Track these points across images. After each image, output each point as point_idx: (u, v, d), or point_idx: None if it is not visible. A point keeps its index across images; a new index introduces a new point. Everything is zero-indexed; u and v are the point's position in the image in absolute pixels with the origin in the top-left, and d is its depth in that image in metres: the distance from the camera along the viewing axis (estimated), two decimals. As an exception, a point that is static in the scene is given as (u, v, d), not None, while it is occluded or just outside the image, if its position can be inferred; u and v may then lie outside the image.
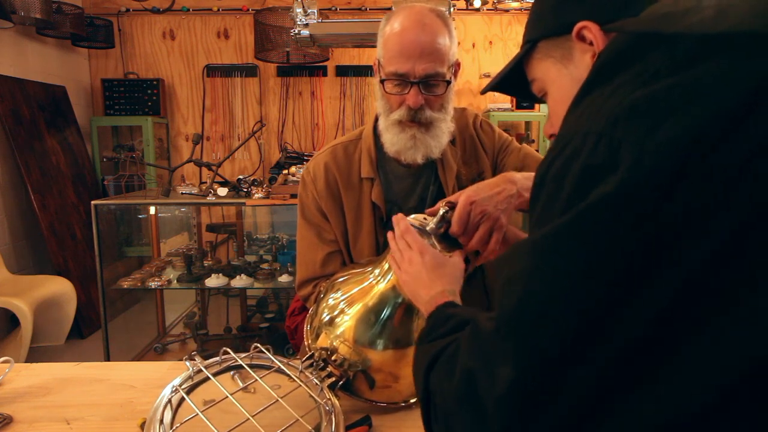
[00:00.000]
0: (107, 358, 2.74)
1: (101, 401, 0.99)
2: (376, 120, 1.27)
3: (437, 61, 1.09)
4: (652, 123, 0.41)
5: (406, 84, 1.11)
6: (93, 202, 2.61)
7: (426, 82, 1.11)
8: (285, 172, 2.86)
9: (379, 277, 0.96)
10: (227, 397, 0.80)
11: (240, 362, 0.92)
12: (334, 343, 0.95)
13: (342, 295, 0.99)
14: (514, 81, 0.70)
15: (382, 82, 1.15)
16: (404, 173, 1.25)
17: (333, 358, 0.94)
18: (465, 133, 1.29)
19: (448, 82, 1.13)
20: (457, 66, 1.18)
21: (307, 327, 1.02)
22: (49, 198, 3.42)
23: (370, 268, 0.99)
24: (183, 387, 0.85)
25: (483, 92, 0.81)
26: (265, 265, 2.89)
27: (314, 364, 0.93)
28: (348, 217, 1.25)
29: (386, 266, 0.95)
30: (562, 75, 0.61)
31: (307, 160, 2.13)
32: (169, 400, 0.83)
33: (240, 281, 2.73)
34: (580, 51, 0.58)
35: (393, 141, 1.17)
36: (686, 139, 0.39)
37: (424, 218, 0.95)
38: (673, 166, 0.39)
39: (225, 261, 3.20)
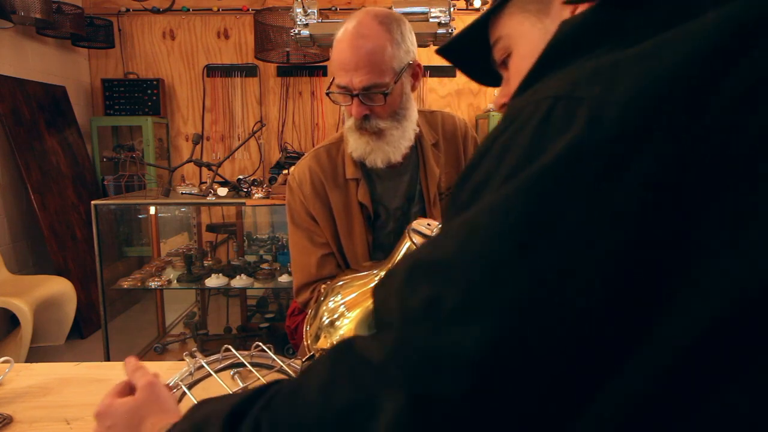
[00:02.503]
0: (107, 358, 2.73)
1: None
2: None
3: (374, 73, 1.09)
4: (615, 80, 0.35)
5: (348, 95, 1.12)
6: (93, 202, 2.60)
7: (366, 94, 1.11)
8: (285, 172, 2.87)
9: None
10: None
11: (242, 360, 0.91)
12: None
13: (342, 298, 0.99)
14: (472, 51, 0.65)
15: (327, 93, 1.18)
16: (387, 173, 1.25)
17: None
18: (451, 140, 1.29)
19: (386, 94, 1.11)
20: (415, 68, 1.16)
21: (306, 328, 1.02)
22: (49, 198, 3.42)
23: (375, 271, 0.99)
24: (183, 383, 0.85)
25: (437, 52, 0.71)
26: (265, 265, 2.89)
27: (314, 364, 0.93)
28: (337, 218, 1.25)
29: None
30: (536, 29, 0.57)
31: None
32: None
33: (240, 281, 2.73)
34: (559, 7, 0.54)
35: (353, 146, 1.19)
36: (653, 92, 0.34)
37: (428, 224, 0.95)
38: (639, 120, 0.33)
39: (225, 261, 3.19)
